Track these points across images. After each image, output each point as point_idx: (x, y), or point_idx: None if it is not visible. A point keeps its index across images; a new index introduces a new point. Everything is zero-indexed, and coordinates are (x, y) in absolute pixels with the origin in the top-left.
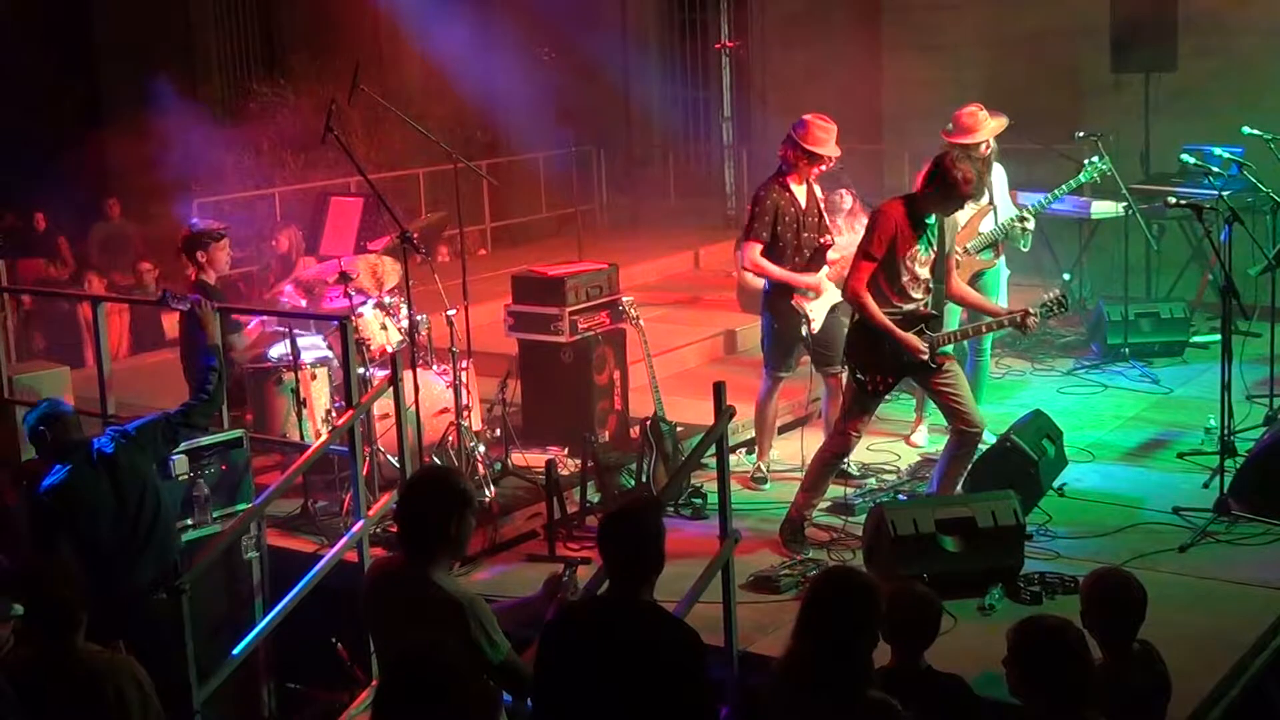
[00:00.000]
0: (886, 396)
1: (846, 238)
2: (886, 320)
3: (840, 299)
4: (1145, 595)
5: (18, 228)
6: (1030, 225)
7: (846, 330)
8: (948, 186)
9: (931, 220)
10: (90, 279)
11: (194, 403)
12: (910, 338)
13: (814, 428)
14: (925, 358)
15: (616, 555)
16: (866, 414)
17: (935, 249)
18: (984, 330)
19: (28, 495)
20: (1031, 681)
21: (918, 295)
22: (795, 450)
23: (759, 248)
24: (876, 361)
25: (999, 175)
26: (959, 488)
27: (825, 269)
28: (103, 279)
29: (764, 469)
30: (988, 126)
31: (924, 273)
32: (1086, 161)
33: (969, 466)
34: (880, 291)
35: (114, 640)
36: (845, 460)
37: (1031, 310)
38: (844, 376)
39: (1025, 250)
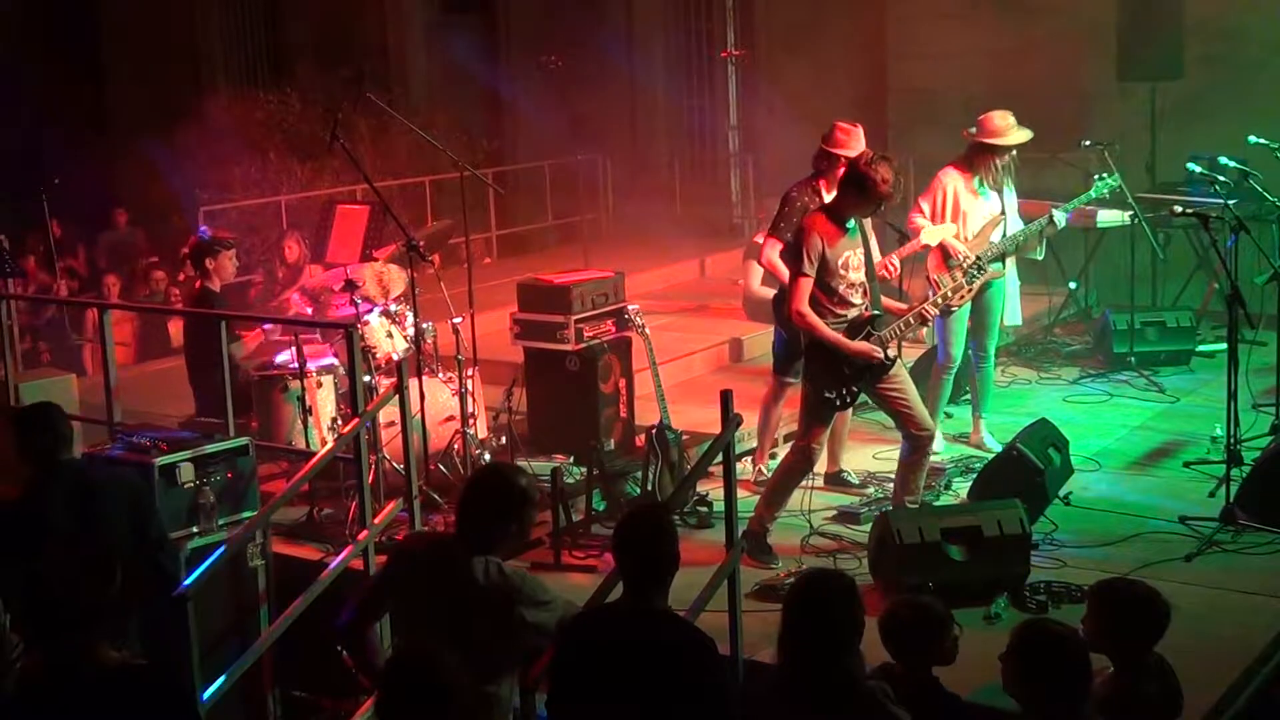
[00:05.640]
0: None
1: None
2: (836, 335)
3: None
4: (1169, 609)
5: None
6: (1052, 230)
7: (803, 349)
8: (865, 188)
9: (852, 224)
10: (108, 283)
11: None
12: (863, 346)
13: None
14: (881, 358)
15: (634, 561)
16: (826, 425)
17: (864, 251)
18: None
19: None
20: (1029, 683)
21: (857, 300)
22: None
23: (780, 247)
24: (839, 375)
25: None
26: (967, 499)
27: None
28: (119, 280)
29: (765, 471)
30: (1016, 133)
31: (858, 277)
32: (1097, 177)
33: (926, 471)
34: (821, 305)
35: None
36: (846, 471)
37: (929, 302)
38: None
39: (1040, 259)
